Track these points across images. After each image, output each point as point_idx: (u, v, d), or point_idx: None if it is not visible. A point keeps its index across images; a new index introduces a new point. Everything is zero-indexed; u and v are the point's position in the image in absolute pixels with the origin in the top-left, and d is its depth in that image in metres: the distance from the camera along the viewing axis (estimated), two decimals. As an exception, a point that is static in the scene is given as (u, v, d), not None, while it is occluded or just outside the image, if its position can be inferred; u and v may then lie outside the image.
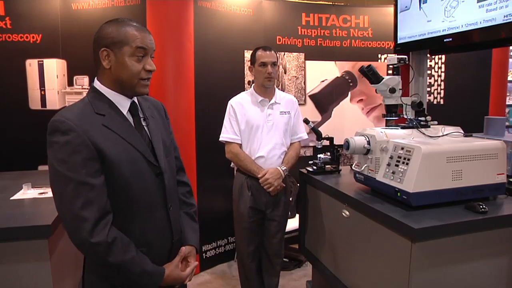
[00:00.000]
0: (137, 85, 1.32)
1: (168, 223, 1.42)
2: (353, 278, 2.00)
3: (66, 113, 1.25)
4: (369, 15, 4.13)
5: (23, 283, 1.71)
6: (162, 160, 1.40)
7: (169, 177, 1.43)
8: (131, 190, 1.30)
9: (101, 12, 3.31)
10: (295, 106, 2.71)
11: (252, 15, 3.70)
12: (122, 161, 1.28)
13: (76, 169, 1.19)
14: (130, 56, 1.29)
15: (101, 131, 1.26)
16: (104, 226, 1.21)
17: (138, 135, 1.36)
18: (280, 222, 2.67)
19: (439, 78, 4.19)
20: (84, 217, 1.18)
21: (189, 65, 3.25)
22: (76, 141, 1.20)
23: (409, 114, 2.10)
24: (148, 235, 1.36)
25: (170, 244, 1.44)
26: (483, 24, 2.06)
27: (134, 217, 1.33)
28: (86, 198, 1.19)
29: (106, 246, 1.20)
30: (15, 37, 3.34)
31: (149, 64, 1.33)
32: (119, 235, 1.25)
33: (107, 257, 1.21)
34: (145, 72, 1.32)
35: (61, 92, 3.45)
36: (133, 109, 1.38)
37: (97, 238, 1.19)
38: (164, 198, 1.40)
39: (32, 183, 2.27)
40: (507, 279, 1.70)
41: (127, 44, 1.28)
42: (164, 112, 1.58)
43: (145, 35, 1.31)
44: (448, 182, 1.70)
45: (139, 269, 1.28)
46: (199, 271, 3.46)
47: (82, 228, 1.18)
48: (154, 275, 1.33)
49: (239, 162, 2.57)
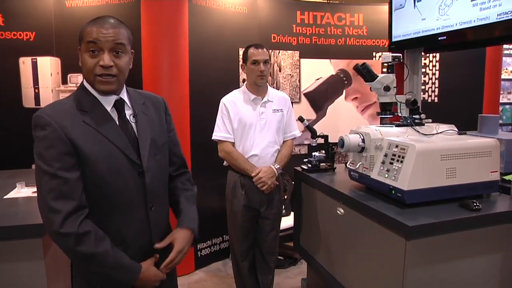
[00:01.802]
0: (95, 81, 1.30)
1: (147, 223, 1.39)
2: (348, 275, 2.01)
3: (47, 108, 1.28)
4: (363, 13, 4.14)
5: (17, 282, 1.70)
6: (145, 159, 1.37)
7: (152, 176, 1.39)
8: (107, 187, 1.30)
9: (95, 9, 3.29)
10: (287, 104, 2.71)
11: (247, 13, 3.69)
12: (99, 158, 1.27)
13: (51, 163, 1.22)
14: (85, 52, 1.28)
15: (81, 127, 1.27)
16: (75, 218, 1.22)
17: (120, 132, 1.34)
18: (274, 220, 2.67)
19: (434, 76, 4.21)
20: (56, 209, 1.20)
21: (183, 63, 3.24)
22: (52, 135, 1.22)
23: (403, 112, 2.11)
24: (125, 234, 1.34)
25: (149, 245, 1.40)
26: (477, 23, 2.07)
27: (111, 214, 1.32)
28: (59, 192, 1.21)
29: (75, 237, 1.20)
30: (8, 35, 3.31)
31: (102, 59, 1.26)
32: (94, 229, 1.25)
33: (77, 247, 1.21)
34: (99, 68, 1.27)
35: (55, 90, 3.42)
36: (118, 105, 1.36)
37: (67, 229, 1.20)
38: (145, 198, 1.38)
39: (26, 181, 2.25)
40: (500, 276, 1.71)
41: (83, 40, 1.28)
42: (164, 108, 1.54)
43: (99, 30, 1.26)
44: (442, 180, 1.70)
45: (113, 262, 1.27)
46: (194, 269, 3.46)
47: (54, 220, 1.20)
48: (129, 270, 1.31)
49: (232, 160, 2.57)
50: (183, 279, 3.26)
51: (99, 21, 1.29)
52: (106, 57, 1.27)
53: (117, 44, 1.29)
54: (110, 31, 1.27)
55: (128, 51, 1.34)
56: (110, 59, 1.27)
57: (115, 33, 1.28)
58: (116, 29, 1.29)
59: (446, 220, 1.58)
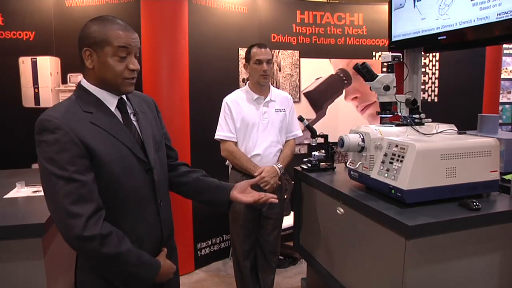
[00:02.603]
0: (122, 84, 1.31)
1: (158, 219, 1.42)
2: (348, 275, 2.01)
3: (52, 112, 1.25)
4: (363, 13, 4.14)
5: (17, 282, 1.70)
6: (151, 156, 1.39)
7: (158, 172, 1.42)
8: (121, 186, 1.30)
9: (95, 9, 3.28)
10: (290, 104, 2.71)
11: (247, 13, 3.69)
12: (112, 158, 1.27)
13: (65, 167, 1.19)
14: (112, 56, 1.27)
15: (89, 128, 1.26)
16: (97, 220, 1.21)
17: (127, 131, 1.35)
18: (276, 220, 2.67)
19: (433, 75, 4.21)
20: (76, 213, 1.18)
21: (183, 63, 3.24)
22: (64, 139, 1.20)
23: (403, 112, 2.11)
24: (139, 231, 1.36)
25: (160, 239, 1.44)
26: (477, 22, 2.07)
27: (125, 213, 1.33)
28: (77, 195, 1.19)
29: (100, 239, 1.20)
30: (7, 34, 3.31)
31: (133, 64, 1.30)
32: (114, 229, 1.25)
33: (102, 249, 1.20)
34: (128, 71, 1.30)
35: (55, 90, 3.42)
36: (121, 105, 1.37)
37: (91, 232, 1.18)
38: (154, 194, 1.41)
39: (26, 181, 2.25)
40: (500, 276, 1.71)
41: (109, 44, 1.27)
42: (155, 107, 1.57)
43: (128, 34, 1.29)
44: (442, 180, 1.70)
45: (136, 260, 1.28)
46: (194, 269, 3.46)
47: (75, 224, 1.17)
48: (151, 265, 1.34)
49: (235, 160, 2.57)
50: (183, 279, 3.25)
51: (123, 25, 1.30)
52: (135, 61, 1.32)
53: (139, 48, 1.34)
54: (135, 36, 1.32)
55: None
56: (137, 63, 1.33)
57: (138, 37, 1.33)
58: (136, 33, 1.33)
59: (446, 220, 1.58)
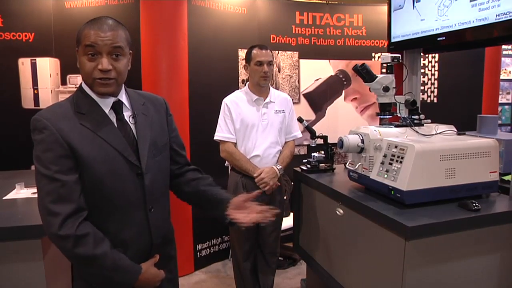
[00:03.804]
0: (93, 84, 1.29)
1: (147, 225, 1.38)
2: (347, 276, 2.01)
3: (45, 112, 1.28)
4: (363, 14, 4.14)
5: (16, 283, 1.70)
6: (144, 160, 1.36)
7: (152, 177, 1.38)
8: (106, 189, 1.29)
9: (94, 10, 3.29)
10: (289, 105, 2.71)
11: (246, 14, 3.69)
12: (96, 160, 1.27)
13: (48, 166, 1.22)
14: (83, 55, 1.27)
15: (78, 129, 1.26)
16: (74, 221, 1.22)
17: (118, 133, 1.33)
18: (275, 221, 2.65)
19: (433, 76, 4.21)
20: (55, 212, 1.20)
21: (183, 64, 3.24)
22: (49, 138, 1.22)
23: (402, 113, 2.11)
24: (124, 235, 1.34)
25: (149, 247, 1.41)
26: (476, 23, 2.07)
27: (110, 215, 1.32)
28: (57, 194, 1.21)
29: (74, 239, 1.20)
30: (7, 36, 3.31)
31: (101, 63, 1.25)
32: (92, 231, 1.25)
33: (75, 249, 1.21)
34: (98, 71, 1.26)
35: (54, 91, 3.42)
36: (116, 107, 1.35)
37: (65, 231, 1.20)
38: (144, 199, 1.37)
39: (25, 182, 2.26)
40: (499, 276, 1.71)
41: (81, 43, 1.27)
42: (165, 109, 1.53)
43: (97, 33, 1.24)
44: (442, 180, 1.70)
45: (112, 264, 1.26)
46: (193, 270, 3.45)
47: (53, 222, 1.20)
48: (129, 271, 1.31)
49: (234, 161, 2.57)
50: (183, 280, 3.25)
51: (97, 23, 1.26)
52: (105, 61, 1.25)
53: (115, 47, 1.27)
54: (108, 34, 1.25)
55: (127, 53, 1.33)
56: (108, 63, 1.26)
57: (113, 36, 1.26)
58: (114, 32, 1.27)
59: (445, 221, 1.58)
